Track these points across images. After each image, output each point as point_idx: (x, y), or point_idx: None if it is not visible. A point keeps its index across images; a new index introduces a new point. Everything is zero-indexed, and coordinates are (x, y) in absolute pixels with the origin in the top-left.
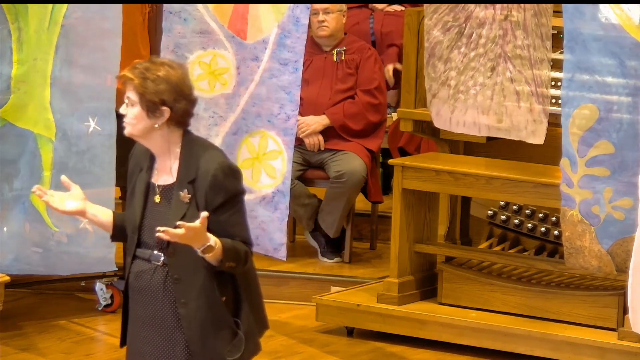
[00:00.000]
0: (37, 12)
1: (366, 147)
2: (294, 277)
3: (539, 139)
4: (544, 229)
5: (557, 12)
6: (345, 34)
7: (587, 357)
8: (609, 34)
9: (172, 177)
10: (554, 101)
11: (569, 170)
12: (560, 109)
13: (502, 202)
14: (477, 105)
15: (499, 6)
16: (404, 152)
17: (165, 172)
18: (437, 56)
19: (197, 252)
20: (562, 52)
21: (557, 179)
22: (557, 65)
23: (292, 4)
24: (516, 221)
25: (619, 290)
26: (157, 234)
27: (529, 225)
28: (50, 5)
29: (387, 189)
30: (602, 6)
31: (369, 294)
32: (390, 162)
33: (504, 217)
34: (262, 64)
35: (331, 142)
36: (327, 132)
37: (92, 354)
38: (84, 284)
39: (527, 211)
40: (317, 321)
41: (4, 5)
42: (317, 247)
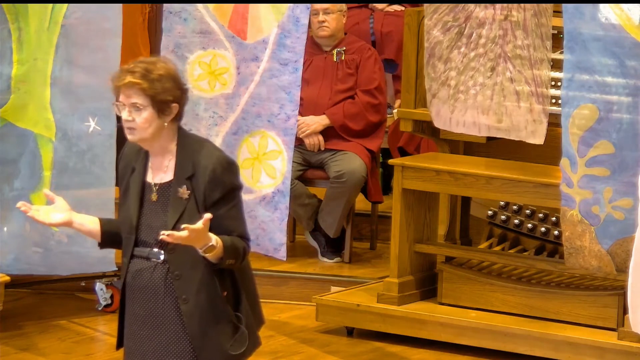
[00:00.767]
0: (38, 12)
1: (366, 147)
2: (294, 277)
3: (539, 139)
4: (544, 229)
5: (557, 12)
6: (345, 34)
7: (587, 357)
8: (609, 34)
9: (168, 174)
10: (554, 101)
11: (568, 170)
12: (560, 109)
13: (502, 202)
14: (477, 105)
15: (498, 6)
16: (404, 152)
17: (161, 170)
18: (437, 56)
19: (199, 251)
20: (562, 52)
21: (557, 179)
22: (557, 65)
23: (292, 4)
24: (516, 221)
25: (619, 290)
26: (161, 237)
27: (529, 225)
28: (50, 5)
29: (387, 189)
30: (602, 6)
31: (369, 294)
32: (390, 162)
33: (504, 217)
34: (262, 64)
35: (331, 142)
36: (327, 132)
37: (92, 354)
38: (84, 284)
39: (527, 211)
40: (317, 321)
41: (4, 5)
42: (317, 247)
